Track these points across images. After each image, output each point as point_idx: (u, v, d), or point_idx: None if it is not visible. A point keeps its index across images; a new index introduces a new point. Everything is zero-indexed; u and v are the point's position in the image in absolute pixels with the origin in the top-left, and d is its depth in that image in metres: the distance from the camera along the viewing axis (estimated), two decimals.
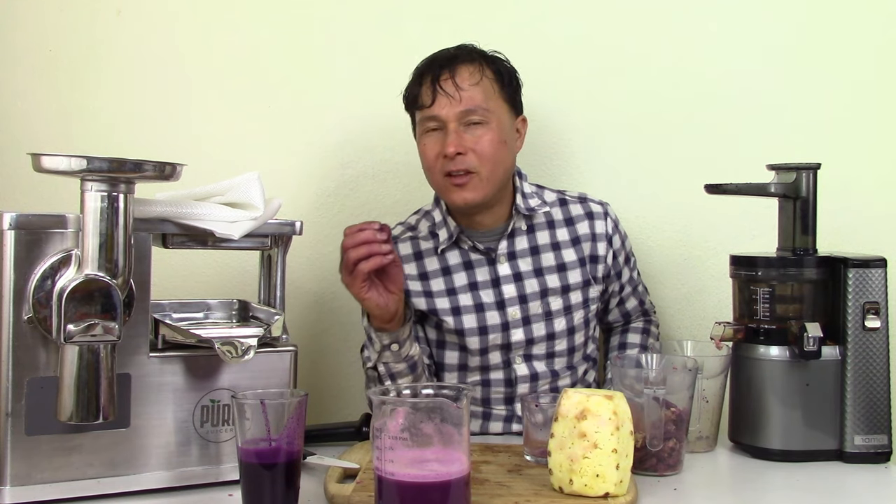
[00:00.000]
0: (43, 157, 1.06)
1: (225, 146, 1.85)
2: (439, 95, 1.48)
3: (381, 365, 1.45)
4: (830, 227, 1.62)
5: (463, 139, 1.48)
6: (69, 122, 1.86)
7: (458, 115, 1.48)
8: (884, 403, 1.36)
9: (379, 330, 1.42)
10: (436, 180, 1.52)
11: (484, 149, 1.49)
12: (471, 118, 1.49)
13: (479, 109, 1.49)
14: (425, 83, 1.50)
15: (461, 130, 1.48)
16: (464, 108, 1.48)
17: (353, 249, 1.32)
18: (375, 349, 1.44)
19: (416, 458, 0.98)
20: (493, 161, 1.50)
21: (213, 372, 1.21)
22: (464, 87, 1.48)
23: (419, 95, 1.51)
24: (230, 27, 1.86)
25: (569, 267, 1.58)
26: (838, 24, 1.79)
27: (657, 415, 1.24)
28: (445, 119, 1.48)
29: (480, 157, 1.48)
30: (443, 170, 1.49)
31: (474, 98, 1.49)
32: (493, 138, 1.49)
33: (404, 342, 1.44)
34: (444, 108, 1.48)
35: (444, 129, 1.49)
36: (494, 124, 1.50)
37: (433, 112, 1.49)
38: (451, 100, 1.48)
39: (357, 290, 1.35)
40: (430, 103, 1.49)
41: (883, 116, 1.78)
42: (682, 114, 1.82)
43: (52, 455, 1.13)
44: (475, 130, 1.49)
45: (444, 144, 1.48)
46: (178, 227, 1.21)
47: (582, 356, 1.61)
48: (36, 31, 1.85)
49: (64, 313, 1.07)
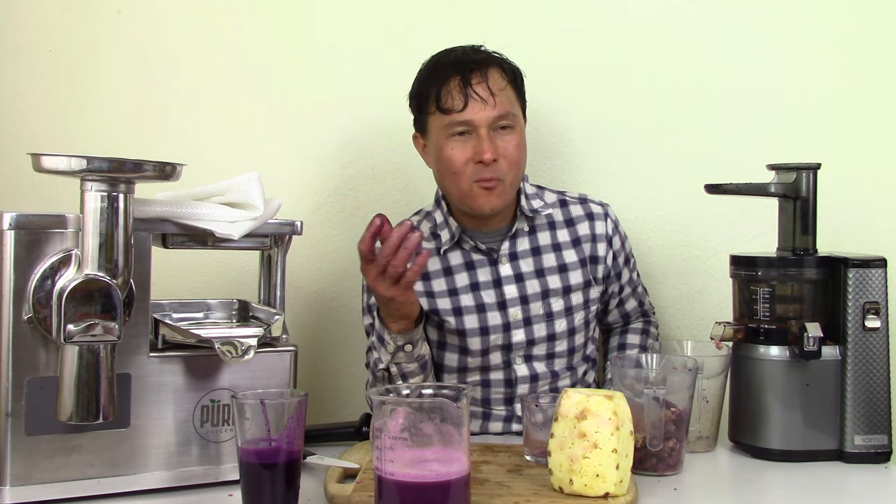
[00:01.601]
0: (43, 157, 1.06)
1: (225, 146, 1.85)
2: (472, 100, 1.46)
3: (393, 366, 1.45)
4: (830, 227, 1.62)
5: (496, 145, 1.47)
6: (69, 122, 1.86)
7: (492, 119, 1.46)
8: (884, 403, 1.36)
9: (397, 332, 1.42)
10: (461, 186, 1.49)
11: (512, 155, 1.48)
12: (501, 123, 1.48)
13: (509, 114, 1.48)
14: (453, 85, 1.47)
15: (492, 136, 1.47)
16: (497, 113, 1.46)
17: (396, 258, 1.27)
18: (389, 350, 1.43)
19: (416, 458, 0.98)
20: (519, 166, 1.51)
21: (213, 372, 1.21)
22: (496, 92, 1.47)
23: (443, 98, 1.47)
24: (230, 27, 1.87)
25: (570, 268, 1.58)
26: (838, 24, 1.79)
27: (657, 415, 1.24)
28: (478, 124, 1.46)
29: (510, 164, 1.48)
30: (473, 176, 1.48)
31: (504, 103, 1.48)
32: (519, 143, 1.50)
33: (417, 342, 1.44)
34: (479, 113, 1.46)
35: (475, 133, 1.47)
36: (518, 129, 1.51)
37: (465, 117, 1.46)
38: (484, 105, 1.46)
39: (408, 297, 1.34)
40: (461, 107, 1.46)
41: (883, 117, 1.78)
42: (683, 114, 1.82)
43: (52, 455, 1.13)
44: (504, 136, 1.48)
45: (478, 150, 1.46)
46: (178, 227, 1.21)
47: (582, 357, 1.61)
48: (36, 31, 1.85)
49: (64, 313, 1.07)
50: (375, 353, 1.47)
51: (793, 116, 1.80)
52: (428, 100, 1.50)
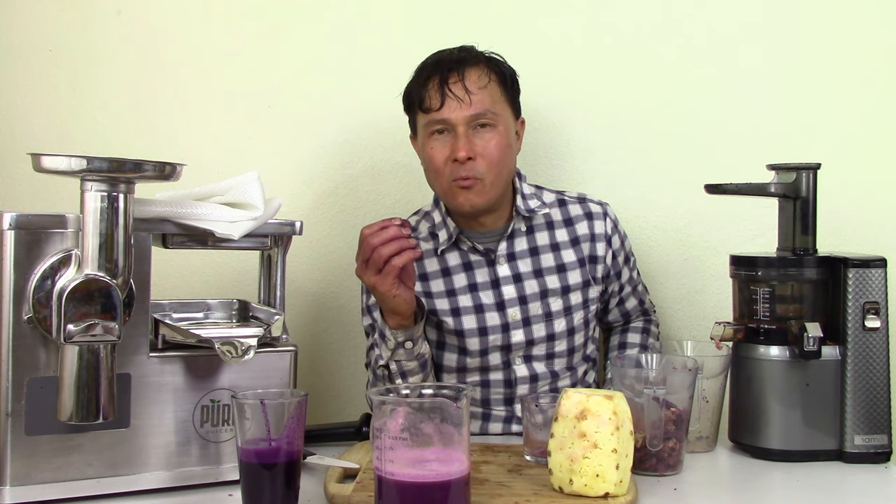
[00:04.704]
0: (43, 157, 1.06)
1: (225, 146, 1.85)
2: (448, 98, 1.47)
3: (393, 363, 1.44)
4: (830, 227, 1.62)
5: (473, 144, 1.47)
6: (69, 122, 1.85)
7: (468, 118, 1.47)
8: (884, 403, 1.36)
9: (394, 328, 1.42)
10: (442, 184, 1.51)
11: (492, 153, 1.48)
12: (479, 121, 1.48)
13: (488, 113, 1.48)
14: (431, 85, 1.49)
15: (470, 134, 1.48)
16: (474, 112, 1.47)
17: (383, 246, 1.30)
18: (389, 347, 1.43)
19: (416, 458, 0.98)
20: (500, 166, 1.50)
21: (213, 372, 1.21)
22: (473, 91, 1.47)
23: (424, 98, 1.49)
24: (230, 27, 1.86)
25: (568, 268, 1.58)
26: (838, 24, 1.79)
27: (657, 415, 1.24)
28: (455, 123, 1.47)
29: (489, 163, 1.48)
30: (452, 174, 1.48)
31: (483, 101, 1.48)
32: (500, 142, 1.49)
33: (417, 340, 1.44)
34: (454, 112, 1.47)
35: (453, 132, 1.48)
36: (501, 128, 1.50)
37: (442, 115, 1.47)
38: (460, 103, 1.46)
39: (388, 288, 1.33)
40: (438, 106, 1.47)
41: (883, 116, 1.78)
42: (682, 113, 1.82)
43: (52, 455, 1.13)
44: (483, 134, 1.48)
45: (454, 148, 1.46)
46: (178, 227, 1.21)
47: (582, 357, 1.61)
48: (36, 31, 1.85)
49: (64, 313, 1.07)
50: (377, 350, 1.48)
51: (793, 116, 1.79)
52: (413, 102, 1.52)
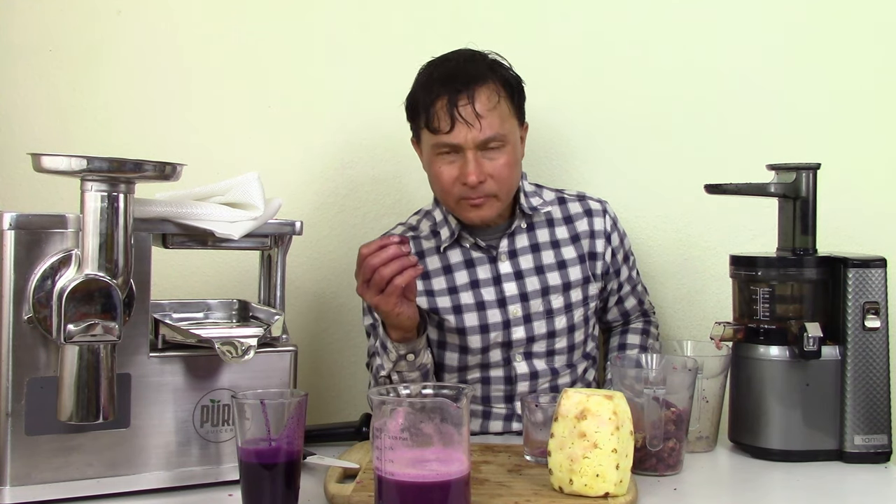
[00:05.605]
0: (43, 157, 1.06)
1: (225, 146, 1.85)
2: (458, 123, 1.44)
3: (395, 374, 1.44)
4: (830, 227, 1.62)
5: (483, 166, 1.46)
6: (69, 122, 1.85)
7: (479, 142, 1.45)
8: (884, 403, 1.36)
9: (397, 340, 1.41)
10: (449, 202, 1.51)
11: (502, 173, 1.47)
12: (490, 144, 1.46)
13: (498, 136, 1.46)
14: (440, 106, 1.45)
15: (479, 157, 1.46)
16: (484, 137, 1.45)
17: (384, 267, 1.28)
18: (391, 359, 1.43)
19: (416, 458, 0.98)
20: (510, 181, 1.50)
21: (213, 372, 1.21)
22: (483, 114, 1.44)
23: (432, 118, 1.46)
24: (230, 27, 1.86)
25: (569, 264, 1.58)
26: (838, 24, 1.79)
27: (657, 415, 1.24)
28: (465, 146, 1.45)
29: (499, 182, 1.48)
30: (460, 194, 1.48)
31: (493, 125, 1.45)
32: (508, 161, 1.48)
33: (420, 351, 1.43)
34: (464, 136, 1.44)
35: (461, 154, 1.46)
36: (510, 146, 1.49)
37: (451, 140, 1.45)
38: (470, 128, 1.44)
39: (391, 307, 1.32)
40: (448, 129, 1.45)
41: (883, 116, 1.78)
42: (682, 113, 1.82)
43: (52, 455, 1.13)
44: (492, 155, 1.47)
45: (464, 172, 1.45)
46: (178, 227, 1.21)
47: (582, 354, 1.61)
48: (36, 31, 1.85)
49: (64, 313, 1.07)
50: (378, 360, 1.47)
51: (793, 116, 1.80)
52: (419, 115, 1.50)
